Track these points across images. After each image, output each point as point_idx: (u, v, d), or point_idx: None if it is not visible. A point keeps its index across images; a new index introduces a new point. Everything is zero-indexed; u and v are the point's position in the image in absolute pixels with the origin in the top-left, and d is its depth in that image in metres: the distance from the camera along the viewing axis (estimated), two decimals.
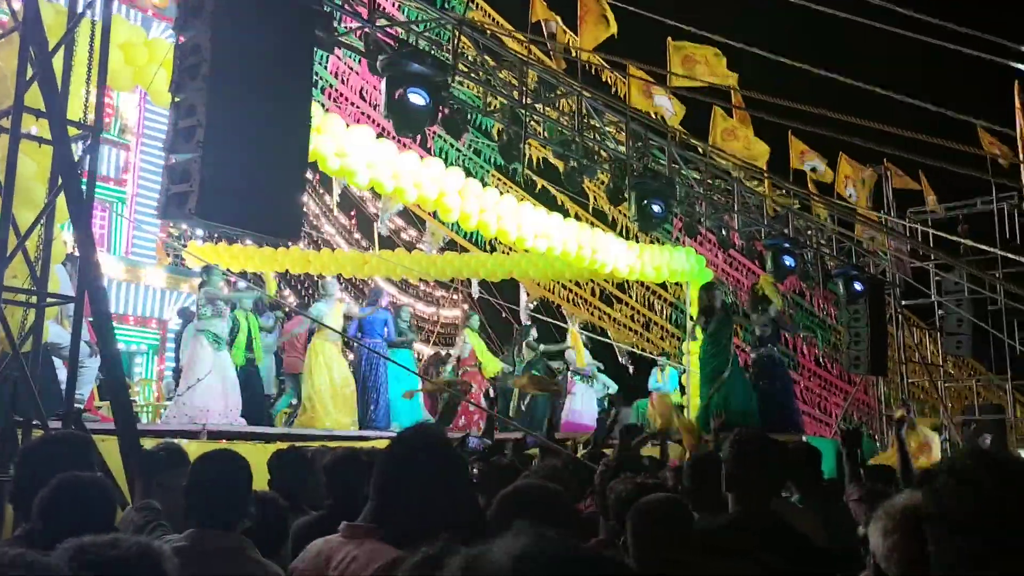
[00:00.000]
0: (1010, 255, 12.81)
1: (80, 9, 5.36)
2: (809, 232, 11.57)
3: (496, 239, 10.95)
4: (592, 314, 16.22)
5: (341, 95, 14.43)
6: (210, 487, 2.58)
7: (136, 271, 12.14)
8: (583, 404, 12.59)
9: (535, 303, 15.75)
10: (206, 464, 2.69)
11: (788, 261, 10.31)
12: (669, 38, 8.83)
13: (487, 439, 5.60)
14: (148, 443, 4.54)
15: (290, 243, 11.98)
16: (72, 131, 5.15)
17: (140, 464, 3.41)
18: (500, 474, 3.98)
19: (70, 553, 1.42)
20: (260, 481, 3.74)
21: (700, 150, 9.92)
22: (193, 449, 4.15)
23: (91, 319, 5.40)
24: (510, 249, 12.28)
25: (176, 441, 4.55)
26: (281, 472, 4.06)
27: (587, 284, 15.69)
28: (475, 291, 16.25)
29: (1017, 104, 13.20)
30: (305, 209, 16.47)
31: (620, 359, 14.88)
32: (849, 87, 8.25)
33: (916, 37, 8.20)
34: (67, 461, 2.72)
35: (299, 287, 18.39)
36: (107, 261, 11.07)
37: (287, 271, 13.77)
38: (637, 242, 11.89)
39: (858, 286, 11.64)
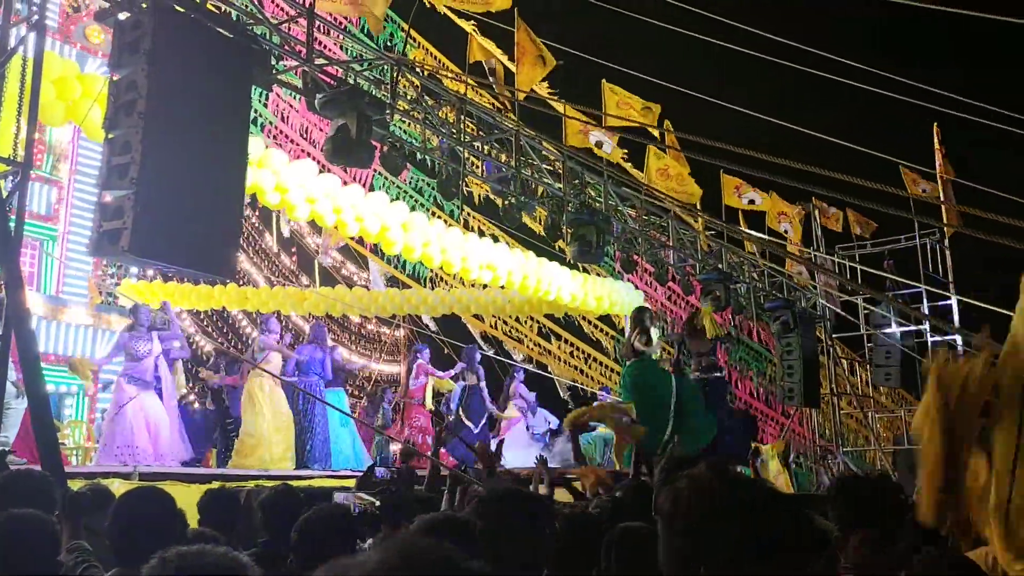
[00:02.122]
0: (933, 289, 13.32)
1: (12, 44, 5.31)
2: (743, 267, 11.87)
3: (436, 274, 10.97)
4: (532, 349, 16.29)
5: (282, 133, 14.38)
6: (133, 525, 2.53)
7: (66, 309, 11.81)
8: (514, 439, 12.47)
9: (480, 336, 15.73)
10: (128, 502, 2.65)
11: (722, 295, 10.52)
12: (604, 80, 9.07)
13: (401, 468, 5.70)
14: (77, 485, 4.43)
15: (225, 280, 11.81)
16: (1, 167, 5.07)
17: (66, 506, 3.34)
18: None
19: (159, 564, 1.39)
20: (193, 521, 3.70)
21: (636, 187, 10.15)
22: (122, 491, 4.07)
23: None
24: (451, 285, 12.32)
25: (102, 482, 4.46)
26: (211, 513, 4.00)
27: (526, 320, 15.75)
28: (429, 322, 16.14)
29: (936, 145, 13.85)
30: (243, 244, 16.26)
31: (561, 394, 14.95)
32: (779, 128, 8.60)
33: (844, 81, 8.60)
34: (27, 499, 2.67)
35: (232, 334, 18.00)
36: (36, 300, 10.77)
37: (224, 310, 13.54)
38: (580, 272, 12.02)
39: (789, 320, 11.95)
